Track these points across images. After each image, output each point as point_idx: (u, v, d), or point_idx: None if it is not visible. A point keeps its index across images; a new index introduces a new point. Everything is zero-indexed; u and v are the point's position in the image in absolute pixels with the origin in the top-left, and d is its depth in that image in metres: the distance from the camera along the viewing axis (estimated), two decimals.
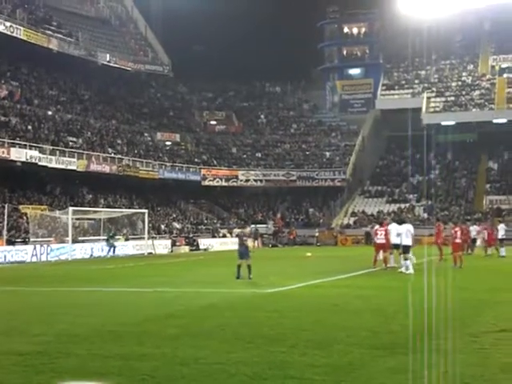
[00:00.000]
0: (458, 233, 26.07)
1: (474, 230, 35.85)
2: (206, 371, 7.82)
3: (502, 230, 33.87)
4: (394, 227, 24.16)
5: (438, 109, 63.87)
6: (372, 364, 8.18)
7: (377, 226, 26.45)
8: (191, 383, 7.38)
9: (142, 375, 7.63)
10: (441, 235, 29.67)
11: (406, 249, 22.65)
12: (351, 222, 56.93)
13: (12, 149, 42.64)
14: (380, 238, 24.46)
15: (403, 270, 22.29)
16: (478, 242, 36.04)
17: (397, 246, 23.63)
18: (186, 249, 46.53)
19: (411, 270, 22.03)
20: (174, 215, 55.87)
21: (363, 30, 75.06)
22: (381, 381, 7.38)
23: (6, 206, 38.24)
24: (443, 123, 61.32)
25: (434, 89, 66.40)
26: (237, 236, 21.99)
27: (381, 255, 24.78)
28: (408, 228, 23.32)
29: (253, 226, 55.28)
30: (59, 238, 39.12)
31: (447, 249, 27.58)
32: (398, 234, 23.06)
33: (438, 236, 29.58)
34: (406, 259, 22.51)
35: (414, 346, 9.00)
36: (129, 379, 7.47)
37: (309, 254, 34.50)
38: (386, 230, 24.60)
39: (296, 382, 7.33)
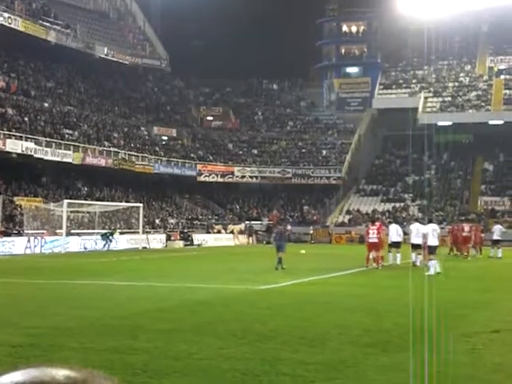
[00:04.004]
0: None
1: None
2: (199, 366, 7.83)
3: (497, 231, 33.35)
4: (415, 227, 23.90)
5: (434, 109, 63.91)
6: (364, 361, 8.20)
7: (369, 225, 25.85)
8: (183, 378, 7.38)
9: (135, 369, 7.63)
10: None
11: (431, 249, 21.81)
12: (346, 221, 56.95)
13: (8, 140, 42.51)
14: (372, 238, 24.02)
15: (431, 272, 20.53)
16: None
17: (416, 246, 23.49)
18: (181, 244, 46.50)
19: (431, 271, 20.64)
20: (169, 210, 55.83)
21: (362, 28, 74.98)
22: (372, 378, 7.40)
23: (1, 197, 38.18)
24: (440, 123, 61.32)
25: (432, 89, 66.45)
26: (279, 232, 22.55)
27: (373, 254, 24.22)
28: (434, 228, 22.74)
29: (247, 222, 55.34)
30: (52, 231, 39.05)
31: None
32: (423, 235, 22.68)
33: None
34: (431, 260, 21.37)
35: (406, 344, 9.02)
36: (121, 373, 7.48)
37: (303, 252, 34.51)
38: (378, 229, 24.42)
39: (288, 378, 7.33)
